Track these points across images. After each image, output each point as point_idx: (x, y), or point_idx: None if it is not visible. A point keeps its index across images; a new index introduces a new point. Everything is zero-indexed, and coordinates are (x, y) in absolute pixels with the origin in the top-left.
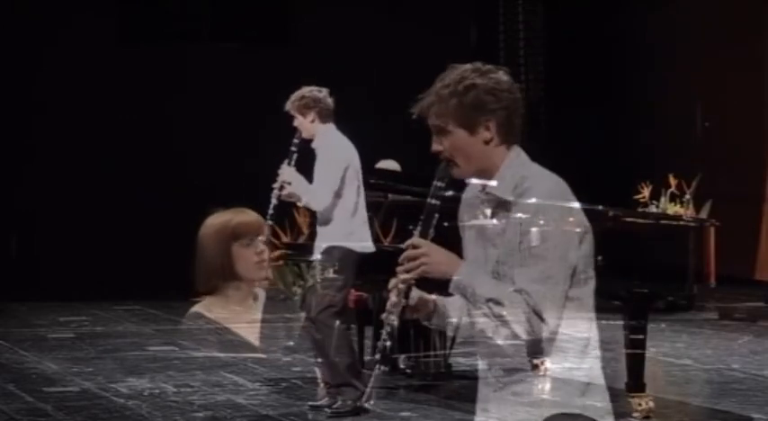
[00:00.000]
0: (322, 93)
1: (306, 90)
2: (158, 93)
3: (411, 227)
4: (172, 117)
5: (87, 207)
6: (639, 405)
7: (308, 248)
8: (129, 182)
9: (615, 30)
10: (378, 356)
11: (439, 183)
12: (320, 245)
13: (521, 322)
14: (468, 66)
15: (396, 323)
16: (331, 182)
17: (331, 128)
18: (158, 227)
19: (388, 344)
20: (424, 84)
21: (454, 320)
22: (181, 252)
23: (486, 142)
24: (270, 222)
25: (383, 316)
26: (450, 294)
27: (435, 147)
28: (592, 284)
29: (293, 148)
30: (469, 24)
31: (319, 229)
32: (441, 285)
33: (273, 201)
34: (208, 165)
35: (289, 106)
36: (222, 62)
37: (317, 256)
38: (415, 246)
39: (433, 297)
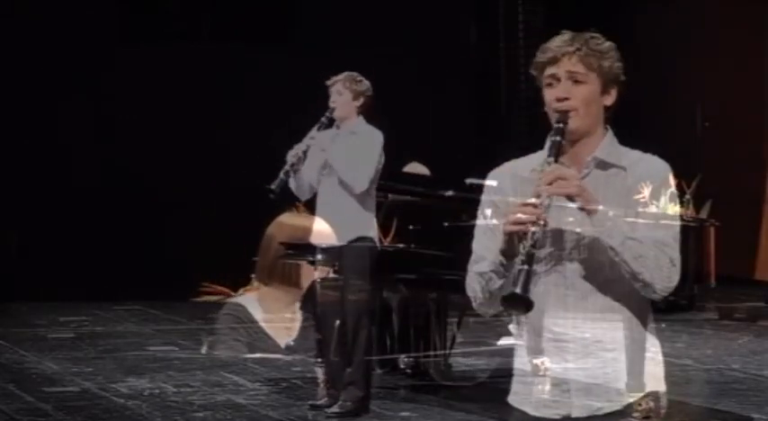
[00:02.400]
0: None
1: (360, 75)
2: (158, 93)
3: (411, 226)
4: (172, 117)
5: (88, 207)
6: (639, 405)
7: (308, 248)
8: (129, 181)
9: (615, 30)
10: (524, 257)
11: (560, 125)
12: (349, 233)
13: (660, 267)
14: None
15: (542, 227)
16: (374, 168)
17: (364, 120)
18: (159, 227)
19: (534, 250)
20: (425, 83)
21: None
22: (181, 252)
23: (606, 107)
24: (282, 177)
25: (526, 227)
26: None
27: (563, 93)
28: None
29: (325, 120)
30: (469, 24)
31: (340, 217)
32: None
33: (292, 159)
34: (208, 165)
35: (341, 81)
36: (222, 62)
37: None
38: (558, 170)
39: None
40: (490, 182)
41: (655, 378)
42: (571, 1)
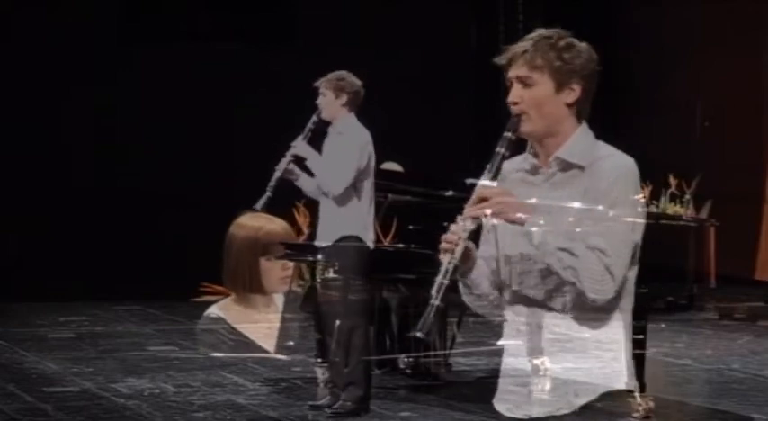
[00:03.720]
0: (359, 82)
1: (345, 73)
2: (158, 93)
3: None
4: (172, 117)
5: (87, 207)
6: (639, 405)
7: (308, 248)
8: (129, 181)
9: (615, 30)
10: (435, 292)
11: (509, 135)
12: (331, 233)
13: (593, 279)
14: (560, 29)
15: (456, 261)
16: (355, 167)
17: (354, 117)
18: (158, 226)
19: (447, 282)
20: (424, 84)
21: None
22: (181, 252)
23: (568, 105)
24: (269, 194)
25: (442, 256)
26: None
27: (514, 98)
28: (636, 271)
29: (311, 125)
30: (469, 24)
31: (332, 216)
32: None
33: (277, 173)
34: (208, 165)
35: (323, 82)
36: (222, 62)
37: (325, 244)
38: (486, 189)
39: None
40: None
41: (618, 375)
42: (571, 1)
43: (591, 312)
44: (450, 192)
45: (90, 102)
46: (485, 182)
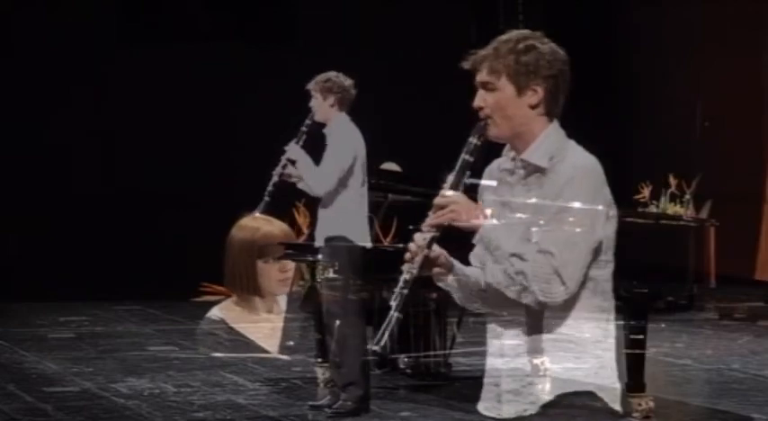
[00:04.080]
0: (348, 81)
1: (332, 74)
2: (158, 93)
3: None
4: (172, 117)
5: (87, 207)
6: (639, 405)
7: (308, 248)
8: (129, 181)
9: (615, 30)
10: (394, 303)
11: (474, 140)
12: (321, 233)
13: (540, 281)
14: (526, 31)
15: (415, 271)
16: (338, 168)
17: (346, 117)
18: (158, 227)
19: (406, 292)
20: (425, 83)
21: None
22: (181, 252)
23: (531, 107)
24: (267, 199)
25: (403, 266)
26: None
27: (478, 102)
28: (610, 269)
29: (304, 128)
30: (469, 24)
31: (321, 216)
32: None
33: (275, 177)
34: (208, 165)
35: (311, 85)
36: (222, 62)
37: (318, 245)
38: (444, 196)
39: (451, 258)
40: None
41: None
42: (571, 1)
43: (556, 312)
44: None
45: (90, 102)
46: (445, 190)
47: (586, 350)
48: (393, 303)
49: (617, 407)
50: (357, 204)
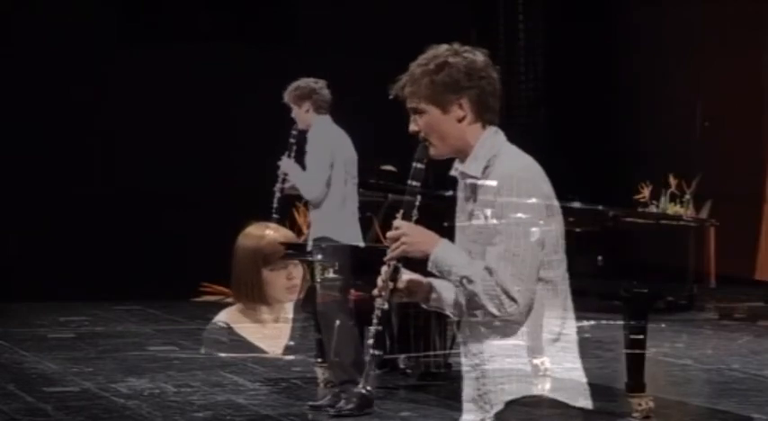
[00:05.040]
0: (318, 84)
1: (302, 81)
2: (158, 93)
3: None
4: (172, 117)
5: (87, 207)
6: (639, 405)
7: (305, 248)
8: (129, 181)
9: (615, 30)
10: (370, 341)
11: (418, 165)
12: (312, 235)
13: (492, 299)
14: (444, 46)
15: (385, 306)
16: (321, 170)
17: (326, 119)
18: (158, 227)
19: (380, 328)
20: None
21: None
22: (181, 252)
23: (459, 120)
24: (276, 216)
25: (375, 301)
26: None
27: (412, 127)
28: (564, 267)
29: (291, 140)
30: (469, 24)
31: (312, 218)
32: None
33: (277, 194)
34: (208, 165)
35: (285, 97)
36: (222, 62)
37: (309, 246)
38: (396, 228)
39: (428, 279)
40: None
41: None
42: (571, 1)
43: (498, 321)
44: (450, 192)
45: (90, 102)
46: (396, 222)
47: (548, 351)
48: (370, 342)
49: (582, 402)
50: (340, 204)
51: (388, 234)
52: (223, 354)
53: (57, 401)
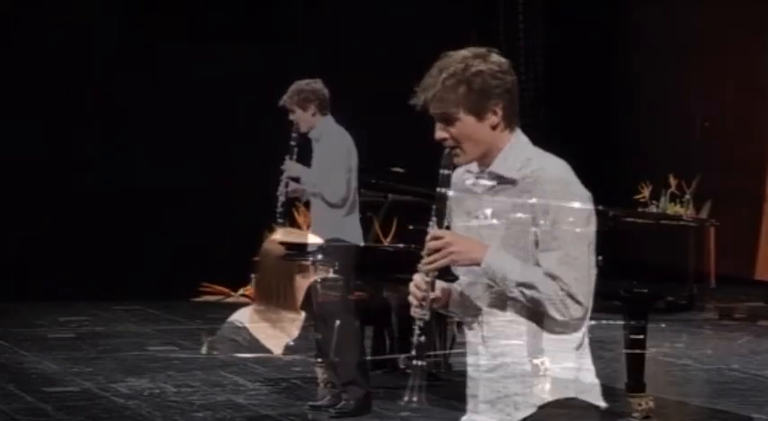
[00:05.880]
0: (318, 84)
1: (302, 83)
2: (158, 93)
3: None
4: (172, 117)
5: (88, 207)
6: (639, 405)
7: (307, 248)
8: (129, 181)
9: (615, 30)
10: (414, 352)
11: (445, 172)
12: (317, 237)
13: (556, 306)
14: (464, 52)
15: (426, 317)
16: (343, 171)
17: (330, 120)
18: (158, 227)
19: (423, 339)
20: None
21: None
22: (181, 252)
23: (493, 127)
24: (281, 221)
25: (413, 312)
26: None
27: (440, 135)
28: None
29: (293, 143)
30: (469, 25)
31: (323, 220)
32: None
33: (281, 198)
34: (208, 165)
35: (286, 101)
36: (222, 62)
37: (312, 248)
38: (436, 237)
39: (453, 285)
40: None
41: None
42: (571, 1)
43: (534, 320)
44: (450, 192)
45: (90, 102)
46: (433, 229)
47: (568, 355)
48: (414, 353)
49: (601, 402)
50: (351, 206)
51: (431, 244)
52: (222, 356)
53: (57, 401)
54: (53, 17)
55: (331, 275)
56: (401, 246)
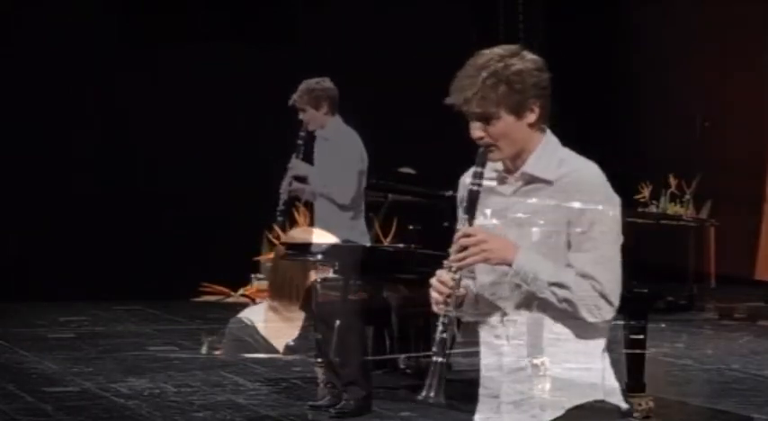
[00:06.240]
0: (327, 82)
1: (312, 82)
2: (158, 93)
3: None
4: (172, 117)
5: (88, 207)
6: (639, 405)
7: (308, 248)
8: (129, 182)
9: (615, 30)
10: (437, 348)
11: (479, 169)
12: (325, 239)
13: (588, 307)
14: (498, 50)
15: (452, 313)
16: (354, 172)
17: (339, 119)
18: (158, 227)
19: (446, 335)
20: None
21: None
22: (181, 252)
23: (530, 125)
24: (281, 219)
25: (438, 308)
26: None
27: (477, 134)
28: None
29: (300, 142)
30: (469, 24)
31: (322, 222)
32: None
33: (284, 196)
34: (208, 165)
35: (297, 100)
36: (222, 62)
37: (317, 250)
38: (468, 235)
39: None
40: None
41: (587, 388)
42: (571, 1)
43: (562, 322)
44: (450, 193)
45: (89, 102)
46: (464, 227)
47: (595, 358)
48: (436, 349)
49: (624, 404)
50: (360, 207)
51: (462, 241)
52: (223, 356)
53: (57, 401)
54: (53, 17)
55: (331, 275)
56: (401, 246)
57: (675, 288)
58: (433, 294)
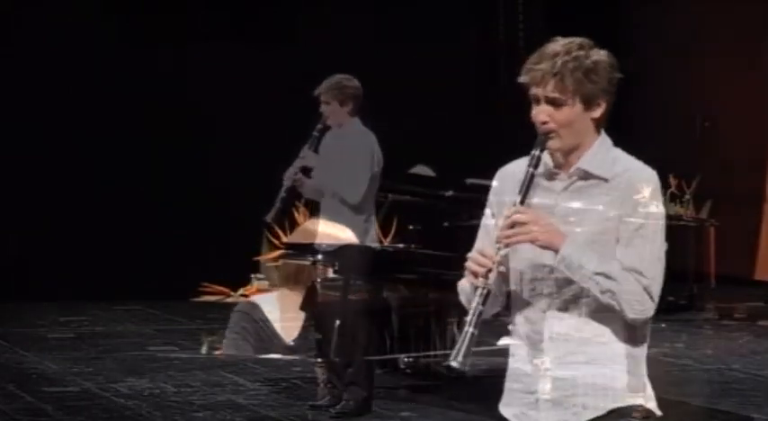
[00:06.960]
0: (356, 81)
1: (343, 78)
2: (157, 93)
3: (411, 226)
4: (171, 117)
5: (88, 206)
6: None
7: (308, 248)
8: (129, 182)
9: (615, 30)
10: (470, 318)
11: (537, 152)
12: (333, 240)
13: (631, 301)
14: (577, 39)
15: (492, 286)
16: (367, 173)
17: (358, 120)
18: (158, 227)
19: (482, 307)
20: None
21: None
22: (181, 252)
23: (594, 119)
24: (279, 206)
25: (477, 281)
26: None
27: (542, 117)
28: None
29: (316, 134)
30: (469, 24)
31: (340, 222)
32: None
33: (287, 183)
34: (208, 165)
35: (325, 92)
36: (222, 62)
37: (323, 251)
38: (520, 213)
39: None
40: (493, 182)
41: (632, 391)
42: (571, 1)
43: (606, 323)
44: (450, 192)
45: (90, 102)
46: (518, 205)
47: (625, 363)
48: (469, 319)
49: (658, 412)
50: (370, 208)
51: (515, 217)
52: (222, 356)
53: (57, 401)
54: (53, 17)
55: (331, 275)
56: (401, 246)
57: (675, 288)
58: (473, 266)
